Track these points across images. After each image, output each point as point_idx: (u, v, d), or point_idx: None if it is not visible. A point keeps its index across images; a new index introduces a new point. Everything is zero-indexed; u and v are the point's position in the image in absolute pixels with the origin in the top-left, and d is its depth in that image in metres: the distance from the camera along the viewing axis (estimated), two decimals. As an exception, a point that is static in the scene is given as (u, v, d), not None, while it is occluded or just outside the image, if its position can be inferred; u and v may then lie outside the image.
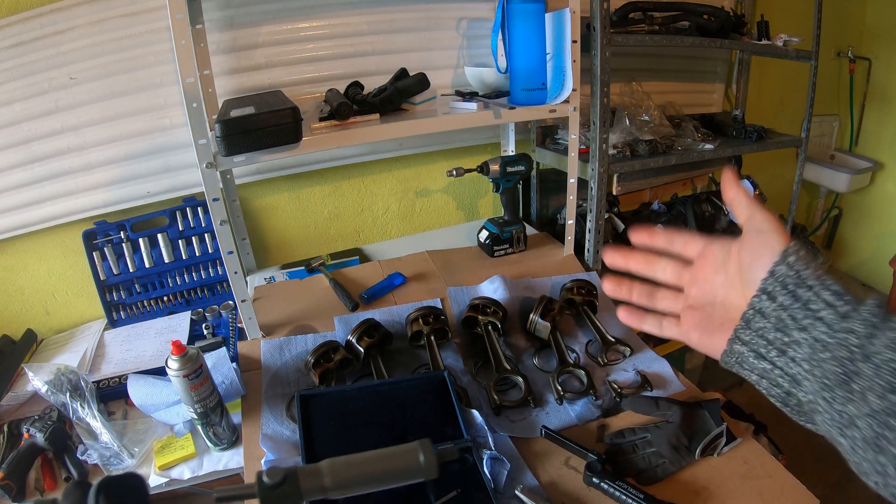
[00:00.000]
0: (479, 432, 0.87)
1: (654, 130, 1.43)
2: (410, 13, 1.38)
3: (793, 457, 1.52)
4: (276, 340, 1.08)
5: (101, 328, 1.35)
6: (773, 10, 1.73)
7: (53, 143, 1.23)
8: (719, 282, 0.43)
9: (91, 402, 1.02)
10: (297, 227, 1.53)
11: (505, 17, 1.20)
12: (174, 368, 0.86)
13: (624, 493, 0.76)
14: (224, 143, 0.90)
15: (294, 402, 0.90)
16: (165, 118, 1.28)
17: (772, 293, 0.38)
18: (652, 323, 0.48)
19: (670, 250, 0.47)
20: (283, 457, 0.85)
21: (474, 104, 1.16)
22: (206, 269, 1.41)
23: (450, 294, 1.22)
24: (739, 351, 0.40)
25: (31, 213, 1.27)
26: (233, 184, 1.33)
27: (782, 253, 0.38)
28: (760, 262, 0.39)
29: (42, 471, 0.98)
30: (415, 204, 1.64)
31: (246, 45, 1.28)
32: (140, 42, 1.21)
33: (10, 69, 1.15)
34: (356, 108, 1.07)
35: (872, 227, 2.49)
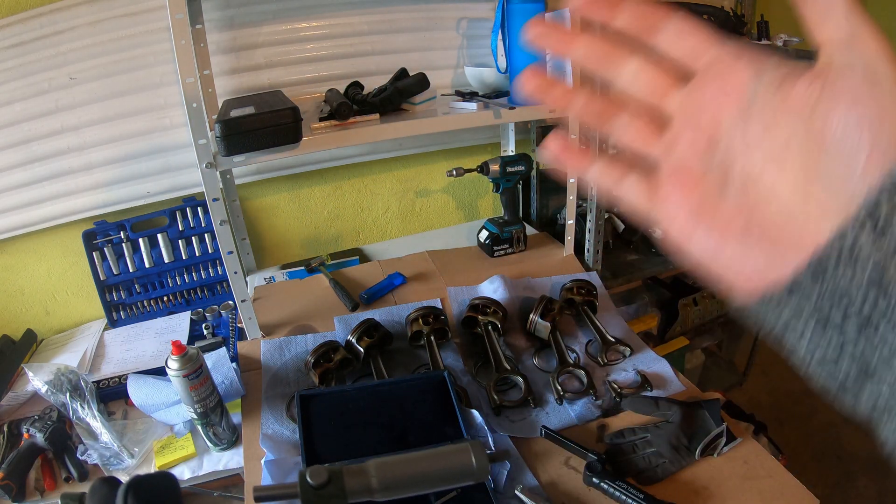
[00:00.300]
0: (479, 432, 0.87)
1: (654, 130, 1.43)
2: (410, 13, 1.38)
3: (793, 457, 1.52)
4: (276, 340, 1.08)
5: (101, 328, 1.35)
6: (773, 10, 1.73)
7: (53, 143, 1.23)
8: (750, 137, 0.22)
9: (91, 402, 1.02)
10: (297, 227, 1.53)
11: (505, 17, 1.20)
12: (174, 368, 0.86)
13: (624, 493, 0.76)
14: (224, 143, 0.90)
15: (294, 402, 0.90)
16: (165, 118, 1.28)
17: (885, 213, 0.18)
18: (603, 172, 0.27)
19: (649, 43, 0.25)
20: (283, 457, 0.85)
21: (474, 104, 1.16)
22: (206, 269, 1.41)
23: (450, 294, 1.22)
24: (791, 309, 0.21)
25: (31, 213, 1.27)
26: (233, 184, 1.33)
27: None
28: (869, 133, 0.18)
29: (42, 471, 0.98)
30: (415, 204, 1.64)
31: (246, 45, 1.28)
32: (140, 42, 1.21)
33: (10, 69, 1.15)
34: (356, 108, 1.07)
35: (872, 227, 2.49)
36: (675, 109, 0.25)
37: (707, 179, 0.24)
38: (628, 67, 0.25)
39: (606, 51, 0.25)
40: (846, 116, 0.19)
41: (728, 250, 0.23)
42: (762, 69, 0.22)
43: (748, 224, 0.22)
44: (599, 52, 0.25)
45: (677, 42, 0.24)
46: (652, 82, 0.25)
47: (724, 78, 0.23)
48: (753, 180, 0.22)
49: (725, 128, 0.23)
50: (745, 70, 0.23)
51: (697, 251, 0.24)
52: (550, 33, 0.26)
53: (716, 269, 0.24)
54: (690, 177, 0.24)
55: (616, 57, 0.25)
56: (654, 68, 0.25)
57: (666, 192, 0.25)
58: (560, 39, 0.26)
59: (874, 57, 0.19)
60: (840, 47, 0.20)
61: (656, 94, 0.25)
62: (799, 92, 0.21)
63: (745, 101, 0.22)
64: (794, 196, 0.21)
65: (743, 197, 0.23)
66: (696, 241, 0.24)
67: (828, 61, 0.20)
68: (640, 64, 0.25)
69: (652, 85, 0.25)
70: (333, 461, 0.80)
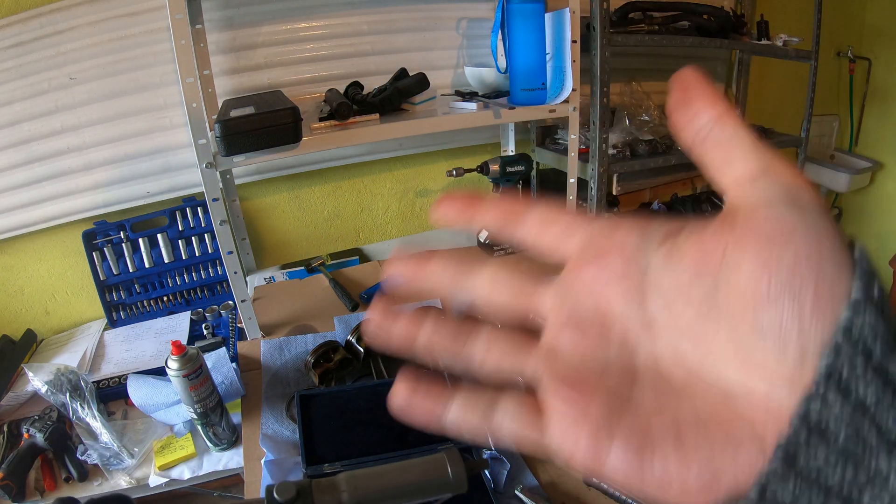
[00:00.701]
0: (479, 432, 0.87)
1: (654, 130, 1.43)
2: (410, 13, 1.38)
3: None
4: (275, 340, 1.08)
5: (100, 328, 1.35)
6: (773, 10, 1.73)
7: (53, 143, 1.23)
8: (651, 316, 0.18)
9: (91, 402, 1.02)
10: (297, 227, 1.53)
11: (505, 17, 1.20)
12: (174, 368, 0.86)
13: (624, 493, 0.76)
14: (224, 143, 0.90)
15: (294, 402, 0.90)
16: (165, 118, 1.28)
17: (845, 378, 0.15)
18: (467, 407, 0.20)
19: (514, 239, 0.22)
20: (282, 457, 0.85)
21: (474, 104, 1.16)
22: (206, 269, 1.41)
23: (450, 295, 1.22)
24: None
25: (31, 213, 1.27)
26: (233, 184, 1.33)
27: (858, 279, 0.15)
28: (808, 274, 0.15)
29: (42, 471, 0.98)
30: (415, 204, 1.64)
31: (246, 45, 1.28)
32: (140, 42, 1.21)
33: (10, 69, 1.15)
34: (356, 108, 1.07)
35: (872, 227, 2.49)
36: (548, 306, 0.20)
37: (605, 382, 0.18)
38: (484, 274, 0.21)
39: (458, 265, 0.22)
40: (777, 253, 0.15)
41: (658, 466, 0.17)
42: (647, 231, 0.18)
43: (676, 425, 0.17)
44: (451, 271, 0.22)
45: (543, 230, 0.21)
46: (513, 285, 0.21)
47: (604, 253, 0.19)
48: (668, 367, 0.18)
49: (615, 312, 0.19)
50: (627, 237, 0.19)
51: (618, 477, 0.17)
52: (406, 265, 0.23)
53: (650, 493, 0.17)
54: (582, 384, 0.18)
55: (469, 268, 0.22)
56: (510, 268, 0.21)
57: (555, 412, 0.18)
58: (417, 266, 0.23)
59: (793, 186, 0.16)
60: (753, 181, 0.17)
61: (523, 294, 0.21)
62: (705, 245, 0.17)
63: (634, 273, 0.18)
64: (728, 373, 0.16)
65: (659, 392, 0.18)
66: (612, 464, 0.17)
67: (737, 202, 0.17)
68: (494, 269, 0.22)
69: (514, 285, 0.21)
70: (333, 461, 0.80)
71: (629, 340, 0.18)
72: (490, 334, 0.21)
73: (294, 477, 0.81)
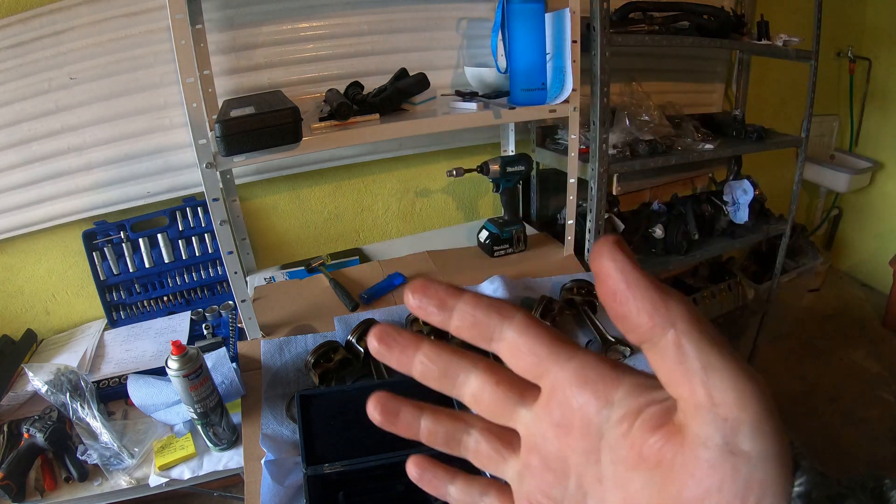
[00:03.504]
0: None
1: (654, 130, 1.43)
2: (410, 13, 1.38)
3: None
4: (276, 340, 1.08)
5: (101, 328, 1.35)
6: (773, 10, 1.73)
7: (53, 143, 1.23)
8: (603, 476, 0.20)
9: (91, 402, 1.02)
10: (297, 227, 1.53)
11: (505, 17, 1.20)
12: (174, 368, 0.86)
13: None
14: (224, 143, 0.90)
15: (294, 402, 0.90)
16: (165, 118, 1.28)
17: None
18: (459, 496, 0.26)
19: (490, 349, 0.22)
20: (283, 457, 0.85)
21: (474, 104, 1.16)
22: (206, 269, 1.41)
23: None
24: None
25: (30, 213, 1.27)
26: (233, 184, 1.33)
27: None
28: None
29: (42, 471, 0.98)
30: (415, 204, 1.64)
31: (246, 45, 1.28)
32: (140, 42, 1.21)
33: (10, 69, 1.15)
34: (356, 108, 1.07)
35: (872, 227, 2.49)
36: (523, 431, 0.22)
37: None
38: (469, 385, 0.23)
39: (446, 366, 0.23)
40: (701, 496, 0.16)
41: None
42: (610, 404, 0.19)
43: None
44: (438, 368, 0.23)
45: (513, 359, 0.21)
46: (495, 402, 0.22)
47: (567, 410, 0.20)
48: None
49: (574, 463, 0.21)
50: (590, 404, 0.19)
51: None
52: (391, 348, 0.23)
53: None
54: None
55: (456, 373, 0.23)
56: (495, 384, 0.22)
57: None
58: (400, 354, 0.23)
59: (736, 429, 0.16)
60: (695, 412, 0.17)
61: (502, 414, 0.22)
62: (650, 448, 0.18)
63: (591, 439, 0.20)
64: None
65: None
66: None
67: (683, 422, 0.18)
68: (480, 381, 0.22)
69: (495, 404, 0.22)
70: (333, 461, 0.80)
71: (583, 485, 0.21)
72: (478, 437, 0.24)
73: (294, 477, 0.81)
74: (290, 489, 0.80)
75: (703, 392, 0.17)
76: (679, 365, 0.17)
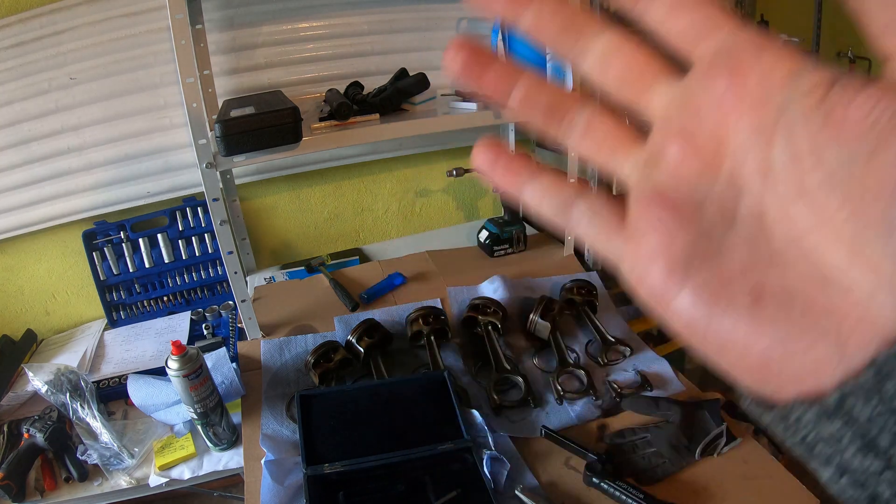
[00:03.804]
0: (479, 432, 0.87)
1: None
2: (410, 13, 1.38)
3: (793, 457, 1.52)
4: (276, 340, 1.08)
5: (101, 328, 1.35)
6: (773, 10, 1.73)
7: (53, 143, 1.23)
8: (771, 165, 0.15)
9: (91, 402, 1.02)
10: (297, 227, 1.53)
11: (505, 17, 1.20)
12: (174, 368, 0.86)
13: (624, 493, 0.76)
14: (224, 143, 0.90)
15: (294, 402, 0.90)
16: (165, 118, 1.28)
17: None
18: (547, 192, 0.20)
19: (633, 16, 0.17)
20: (283, 457, 0.85)
21: (474, 104, 1.16)
22: (206, 269, 1.41)
23: (450, 294, 1.22)
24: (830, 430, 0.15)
25: (30, 213, 1.27)
26: (233, 184, 1.33)
27: None
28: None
29: (42, 471, 0.98)
30: (415, 204, 1.64)
31: (246, 45, 1.28)
32: (140, 42, 1.21)
33: (10, 69, 1.15)
34: (356, 108, 1.07)
35: (872, 227, 2.49)
36: (660, 112, 0.17)
37: (700, 216, 0.16)
38: (598, 44, 0.18)
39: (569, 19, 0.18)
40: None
41: (728, 325, 0.15)
42: (799, 70, 0.15)
43: (761, 290, 0.15)
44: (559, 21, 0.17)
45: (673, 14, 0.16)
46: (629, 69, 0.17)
47: (741, 75, 0.15)
48: (773, 226, 0.15)
49: (734, 146, 0.16)
50: (773, 67, 0.15)
51: (680, 321, 0.16)
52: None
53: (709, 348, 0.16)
54: (677, 207, 0.16)
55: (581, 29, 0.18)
56: (633, 49, 0.17)
57: (638, 230, 0.17)
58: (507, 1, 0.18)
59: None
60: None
61: (635, 86, 0.18)
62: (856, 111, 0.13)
63: (769, 111, 0.15)
64: (835, 257, 0.14)
65: (755, 248, 0.16)
66: (679, 306, 0.16)
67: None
68: (614, 41, 0.18)
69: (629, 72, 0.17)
70: (333, 461, 0.80)
71: (740, 180, 0.16)
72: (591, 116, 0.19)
73: (294, 477, 0.81)
74: (290, 489, 0.80)
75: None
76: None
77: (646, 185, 0.17)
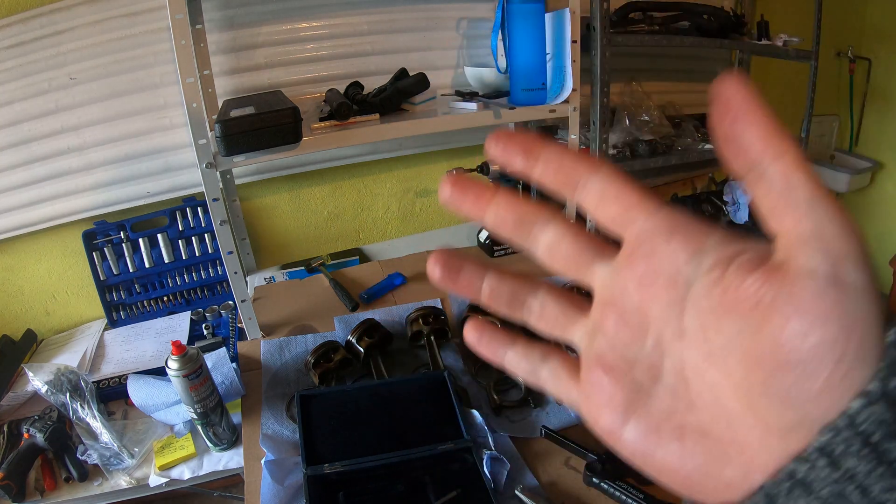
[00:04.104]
0: (479, 432, 0.87)
1: (654, 130, 1.43)
2: (410, 13, 1.38)
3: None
4: (276, 340, 1.08)
5: (101, 328, 1.35)
6: (773, 10, 1.73)
7: (53, 143, 1.23)
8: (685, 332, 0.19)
9: (91, 402, 1.02)
10: (297, 227, 1.53)
11: (505, 17, 1.20)
12: (174, 368, 0.86)
13: (624, 493, 0.76)
14: (224, 143, 0.90)
15: (294, 402, 0.90)
16: (165, 118, 1.28)
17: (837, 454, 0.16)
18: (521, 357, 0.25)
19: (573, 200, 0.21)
20: (282, 457, 0.85)
21: (474, 104, 1.16)
22: (206, 269, 1.41)
23: (450, 294, 1.22)
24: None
25: (31, 213, 1.27)
26: (233, 184, 1.33)
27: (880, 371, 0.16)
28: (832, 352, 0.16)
29: (42, 471, 0.98)
30: (415, 204, 1.64)
31: (246, 45, 1.28)
32: (140, 42, 1.21)
33: (10, 69, 1.15)
34: (356, 108, 1.07)
35: (872, 227, 2.49)
36: (598, 288, 0.22)
37: (633, 373, 0.20)
38: (545, 235, 0.22)
39: (522, 215, 0.22)
40: (805, 330, 0.16)
41: (661, 452, 0.20)
42: (701, 251, 0.18)
43: (682, 428, 0.19)
44: (514, 217, 0.22)
45: (600, 206, 0.20)
46: (571, 253, 0.22)
47: (654, 259, 0.19)
48: (687, 378, 0.19)
49: (654, 317, 0.20)
50: (679, 252, 0.19)
51: (627, 450, 0.21)
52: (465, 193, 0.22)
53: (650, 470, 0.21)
54: (615, 367, 0.21)
55: (532, 222, 0.22)
56: (574, 236, 0.22)
57: (589, 383, 0.22)
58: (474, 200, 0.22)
59: (842, 260, 0.16)
60: (800, 245, 0.16)
61: (578, 268, 0.22)
62: (747, 290, 0.17)
63: (678, 289, 0.19)
64: (734, 405, 0.18)
65: (676, 395, 0.20)
66: (625, 439, 0.21)
67: (784, 258, 0.17)
68: (559, 231, 0.22)
69: (572, 257, 0.22)
70: (333, 461, 0.80)
71: (662, 343, 0.20)
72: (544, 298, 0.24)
73: (294, 477, 0.81)
74: (290, 489, 0.80)
75: (810, 223, 0.16)
76: (786, 195, 0.17)
77: (590, 351, 0.22)
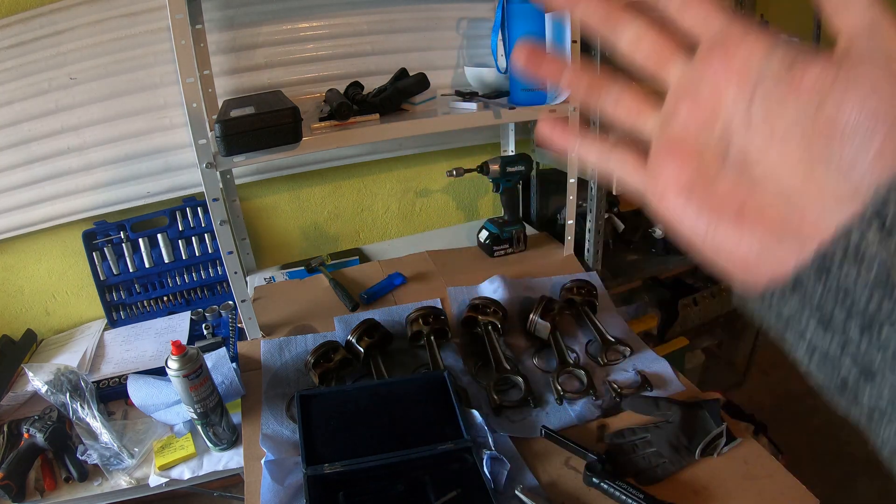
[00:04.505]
0: (479, 432, 0.87)
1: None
2: (410, 13, 1.38)
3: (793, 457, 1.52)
4: (275, 340, 1.08)
5: (101, 328, 1.35)
6: (773, 10, 1.73)
7: (53, 143, 1.23)
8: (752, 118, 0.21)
9: (91, 402, 1.02)
10: (297, 227, 1.53)
11: (505, 17, 1.20)
12: (174, 368, 0.86)
13: (624, 493, 0.76)
14: (224, 143, 0.90)
15: (294, 402, 0.90)
16: (165, 118, 1.28)
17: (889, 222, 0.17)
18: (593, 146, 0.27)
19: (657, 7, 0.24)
20: (283, 457, 0.85)
21: (474, 104, 1.16)
22: (206, 269, 1.41)
23: (450, 294, 1.22)
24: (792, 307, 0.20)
25: (30, 213, 1.27)
26: (233, 184, 1.33)
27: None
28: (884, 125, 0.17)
29: (42, 471, 0.98)
30: (415, 204, 1.64)
31: (246, 45, 1.28)
32: (140, 42, 1.21)
33: (10, 69, 1.15)
34: (356, 108, 1.07)
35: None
36: (674, 80, 0.24)
37: (702, 155, 0.23)
38: (630, 30, 0.24)
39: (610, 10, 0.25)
40: (861, 104, 0.18)
41: (721, 232, 0.22)
42: (773, 48, 0.21)
43: (743, 206, 0.22)
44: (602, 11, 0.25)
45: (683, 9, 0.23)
46: (653, 48, 0.24)
47: (731, 53, 0.21)
48: (752, 161, 0.21)
49: (726, 105, 0.22)
50: (754, 47, 0.21)
51: (688, 231, 0.23)
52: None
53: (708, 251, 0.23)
54: (684, 151, 0.23)
55: (618, 18, 0.24)
56: (656, 34, 0.24)
57: (658, 166, 0.24)
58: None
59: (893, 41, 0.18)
60: (860, 35, 0.19)
61: (657, 61, 0.24)
62: (812, 76, 0.19)
63: (750, 79, 0.21)
64: (794, 181, 0.20)
65: (740, 177, 0.22)
66: (687, 219, 0.23)
67: (846, 48, 0.19)
68: (643, 27, 0.24)
69: (653, 51, 0.24)
70: (333, 461, 0.80)
71: (729, 130, 0.22)
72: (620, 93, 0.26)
73: (294, 477, 0.81)
74: (290, 489, 0.80)
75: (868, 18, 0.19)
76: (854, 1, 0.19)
77: (661, 137, 0.25)
